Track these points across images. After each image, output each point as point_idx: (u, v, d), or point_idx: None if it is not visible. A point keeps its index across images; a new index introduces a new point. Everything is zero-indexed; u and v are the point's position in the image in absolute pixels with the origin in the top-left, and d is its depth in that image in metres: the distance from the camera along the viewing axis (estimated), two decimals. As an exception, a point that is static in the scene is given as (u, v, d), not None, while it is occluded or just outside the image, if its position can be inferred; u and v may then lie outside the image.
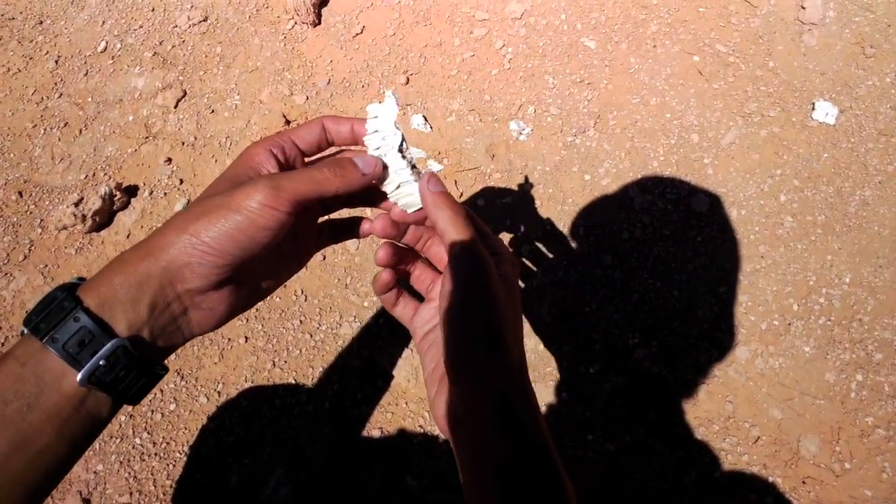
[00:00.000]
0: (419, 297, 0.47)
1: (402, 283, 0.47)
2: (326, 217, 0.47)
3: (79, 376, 0.31)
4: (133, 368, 0.32)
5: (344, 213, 0.47)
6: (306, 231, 0.44)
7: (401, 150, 0.40)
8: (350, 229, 0.47)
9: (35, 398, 0.30)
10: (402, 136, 0.41)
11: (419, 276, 0.47)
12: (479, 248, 0.39)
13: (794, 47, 1.12)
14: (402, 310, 0.46)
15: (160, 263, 0.33)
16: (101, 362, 0.31)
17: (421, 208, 0.41)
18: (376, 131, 0.40)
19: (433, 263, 0.47)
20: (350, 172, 0.37)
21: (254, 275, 0.39)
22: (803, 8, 1.15)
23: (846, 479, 0.84)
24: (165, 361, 0.38)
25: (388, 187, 0.41)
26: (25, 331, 0.32)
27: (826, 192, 1.01)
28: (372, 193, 0.43)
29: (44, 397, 0.30)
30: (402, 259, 0.45)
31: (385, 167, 0.40)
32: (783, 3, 1.16)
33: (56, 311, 0.31)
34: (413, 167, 0.41)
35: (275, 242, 0.35)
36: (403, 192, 0.41)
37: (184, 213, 0.35)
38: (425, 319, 0.45)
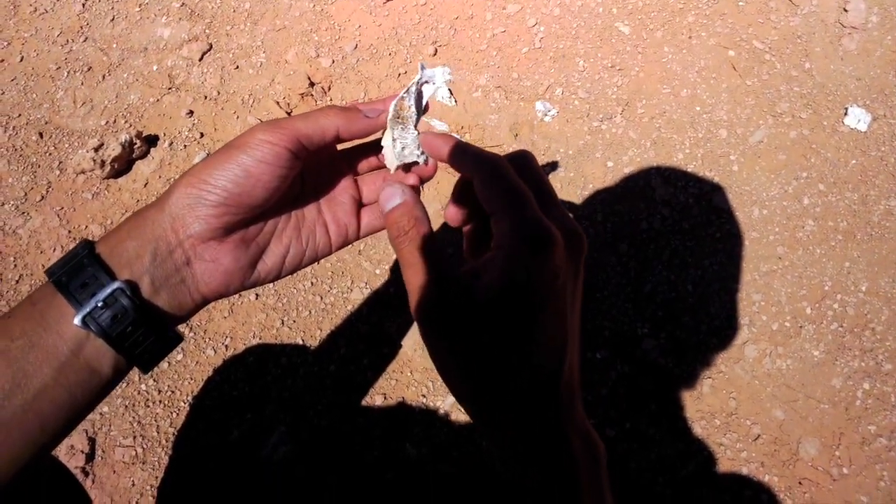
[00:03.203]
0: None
1: None
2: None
3: (76, 317, 0.31)
4: (140, 325, 0.33)
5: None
6: (335, 207, 0.40)
7: (417, 113, 0.38)
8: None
9: (38, 337, 0.31)
10: (421, 109, 0.38)
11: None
12: (540, 225, 0.28)
13: (832, 50, 1.10)
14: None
15: (164, 210, 0.34)
16: (98, 303, 0.31)
17: (403, 165, 0.37)
18: (413, 91, 0.39)
19: None
20: (354, 114, 0.36)
21: (263, 232, 0.37)
22: (846, 10, 1.12)
23: (843, 483, 0.84)
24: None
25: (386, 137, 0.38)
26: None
27: (851, 198, 1.00)
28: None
29: (45, 337, 0.31)
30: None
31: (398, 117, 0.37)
32: (825, 4, 1.13)
33: (72, 258, 0.33)
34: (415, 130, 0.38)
35: (275, 183, 0.34)
36: (399, 144, 0.37)
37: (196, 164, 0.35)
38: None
